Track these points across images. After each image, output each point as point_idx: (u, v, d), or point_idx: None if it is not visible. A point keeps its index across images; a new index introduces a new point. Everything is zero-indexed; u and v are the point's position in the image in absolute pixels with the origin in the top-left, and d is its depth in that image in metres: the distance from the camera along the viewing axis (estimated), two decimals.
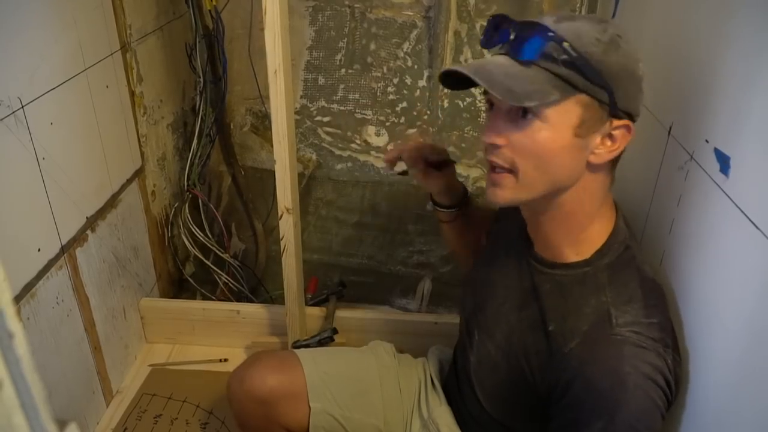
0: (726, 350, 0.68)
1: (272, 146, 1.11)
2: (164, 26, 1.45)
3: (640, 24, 1.09)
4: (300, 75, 1.56)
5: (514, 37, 0.70)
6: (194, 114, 1.57)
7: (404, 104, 1.56)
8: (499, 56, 0.72)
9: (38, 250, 1.02)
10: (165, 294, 1.56)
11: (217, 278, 1.65)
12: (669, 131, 0.88)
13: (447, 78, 0.76)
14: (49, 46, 1.03)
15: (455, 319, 1.15)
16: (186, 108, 1.62)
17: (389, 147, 0.99)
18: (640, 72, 0.72)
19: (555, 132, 0.70)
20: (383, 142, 1.61)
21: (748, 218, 0.64)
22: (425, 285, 1.68)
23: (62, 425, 0.30)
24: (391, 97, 1.56)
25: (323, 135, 1.63)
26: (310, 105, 1.60)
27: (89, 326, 1.20)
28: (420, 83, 1.53)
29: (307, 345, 1.25)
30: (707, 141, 0.75)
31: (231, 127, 1.65)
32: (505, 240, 0.91)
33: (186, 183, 1.57)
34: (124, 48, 1.27)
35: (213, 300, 1.63)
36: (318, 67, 1.55)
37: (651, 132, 0.94)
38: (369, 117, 1.59)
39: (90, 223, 1.18)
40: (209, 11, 1.46)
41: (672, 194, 0.85)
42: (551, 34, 0.68)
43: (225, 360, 1.42)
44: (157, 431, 1.25)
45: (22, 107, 0.95)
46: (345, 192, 1.69)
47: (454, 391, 0.99)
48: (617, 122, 0.71)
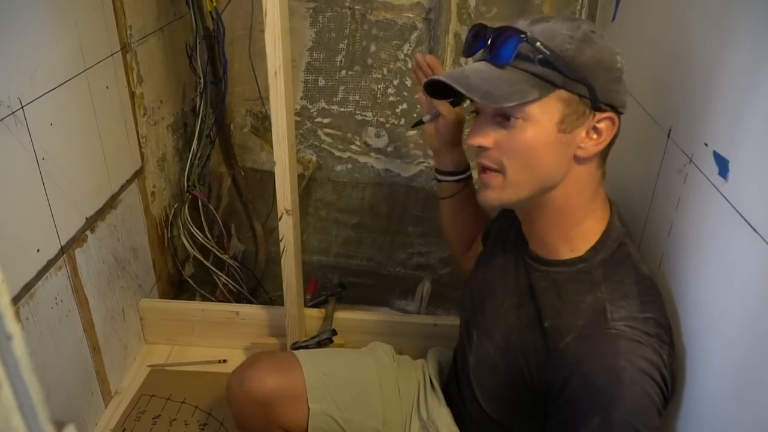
0: (725, 351, 0.68)
1: (272, 147, 1.11)
2: (165, 27, 1.45)
3: (640, 27, 1.09)
4: (300, 76, 1.56)
5: (491, 43, 0.74)
6: (194, 115, 1.57)
7: (404, 106, 1.56)
8: (478, 63, 0.76)
9: (37, 251, 1.02)
10: (164, 295, 1.56)
11: (217, 279, 1.65)
12: (668, 134, 0.88)
13: (430, 88, 0.79)
14: (50, 47, 1.03)
15: (454, 321, 1.15)
16: (186, 109, 1.62)
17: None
18: (619, 64, 0.74)
19: (539, 129, 0.72)
20: (383, 144, 1.61)
21: (747, 222, 0.64)
22: (424, 286, 1.68)
23: (60, 427, 0.30)
24: (392, 99, 1.56)
25: (323, 136, 1.63)
26: (311, 106, 1.60)
27: (88, 327, 1.20)
28: None
29: (307, 346, 1.25)
30: (706, 144, 0.75)
31: (231, 128, 1.65)
32: (503, 240, 0.92)
33: (186, 184, 1.57)
34: (125, 49, 1.28)
35: (212, 301, 1.63)
36: (318, 69, 1.55)
37: (650, 135, 0.94)
38: (369, 118, 1.59)
39: (89, 224, 1.18)
40: (210, 12, 1.46)
41: (671, 197, 0.85)
42: (523, 36, 0.71)
43: (224, 361, 1.42)
44: None
45: (22, 107, 0.95)
46: (345, 193, 1.69)
47: (455, 393, 0.99)
48: (600, 115, 0.73)
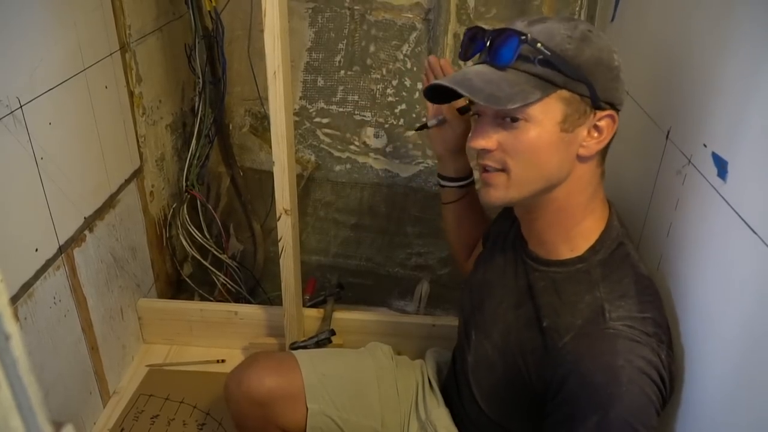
0: (723, 352, 0.68)
1: (271, 147, 1.11)
2: (164, 27, 1.45)
3: (640, 27, 1.09)
4: (299, 76, 1.56)
5: (490, 45, 0.74)
6: (193, 115, 1.57)
7: (403, 106, 1.56)
8: (478, 65, 0.76)
9: (36, 250, 1.02)
10: (163, 295, 1.56)
11: (215, 279, 1.65)
12: (667, 135, 0.88)
13: (431, 93, 0.79)
14: (48, 46, 1.02)
15: (453, 322, 1.15)
16: (185, 109, 1.62)
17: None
18: (616, 62, 0.75)
19: (541, 129, 0.72)
20: (382, 144, 1.62)
21: (746, 222, 0.64)
22: (423, 287, 1.68)
23: (58, 426, 0.30)
24: (390, 99, 1.56)
25: (322, 136, 1.63)
26: (309, 106, 1.60)
27: (87, 326, 1.19)
28: (419, 85, 1.53)
29: (305, 346, 1.25)
30: (705, 145, 0.75)
31: (230, 128, 1.65)
32: (502, 240, 0.93)
33: (185, 184, 1.57)
34: (124, 48, 1.27)
35: (211, 301, 1.62)
36: (317, 69, 1.55)
37: (649, 136, 0.94)
38: (368, 119, 1.59)
39: (88, 224, 1.18)
40: (209, 12, 1.46)
41: (670, 198, 0.85)
42: (524, 37, 0.71)
43: (222, 361, 1.42)
44: None
45: (21, 107, 0.95)
46: (343, 193, 1.69)
47: (453, 393, 1.00)
48: (601, 113, 0.74)
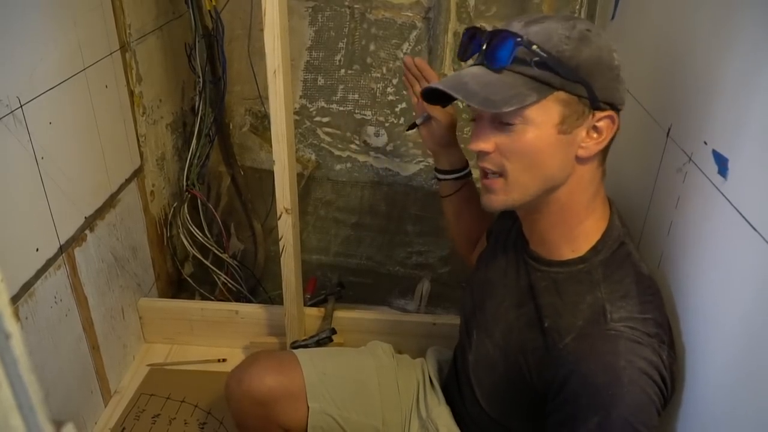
0: (723, 350, 0.68)
1: (271, 146, 1.11)
2: (164, 26, 1.45)
3: (640, 25, 1.09)
4: (299, 75, 1.56)
5: (486, 46, 0.73)
6: (193, 114, 1.57)
7: (403, 105, 1.56)
8: (474, 67, 0.75)
9: (36, 250, 1.02)
10: (163, 294, 1.56)
11: (216, 278, 1.65)
12: (668, 133, 0.88)
13: (428, 95, 0.79)
14: (48, 46, 1.02)
15: (454, 320, 1.15)
16: (185, 108, 1.62)
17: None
18: (616, 62, 0.74)
19: (539, 131, 0.72)
20: (382, 143, 1.61)
21: (746, 220, 0.64)
22: (424, 286, 1.68)
23: (59, 426, 0.30)
24: (391, 98, 1.56)
25: (322, 135, 1.63)
26: (310, 105, 1.60)
27: (87, 326, 1.20)
28: None
29: (306, 345, 1.25)
30: (706, 143, 0.75)
31: (230, 128, 1.65)
32: (504, 240, 0.92)
33: (185, 183, 1.57)
34: (124, 48, 1.27)
35: (212, 300, 1.63)
36: (317, 68, 1.55)
37: (649, 134, 0.94)
38: (368, 117, 1.59)
39: (88, 223, 1.18)
40: (209, 11, 1.46)
41: (670, 196, 0.85)
42: (519, 39, 0.70)
43: (223, 360, 1.42)
44: (155, 431, 1.25)
45: (21, 107, 0.95)
46: (344, 192, 1.69)
47: (454, 392, 1.00)
48: (600, 114, 0.73)
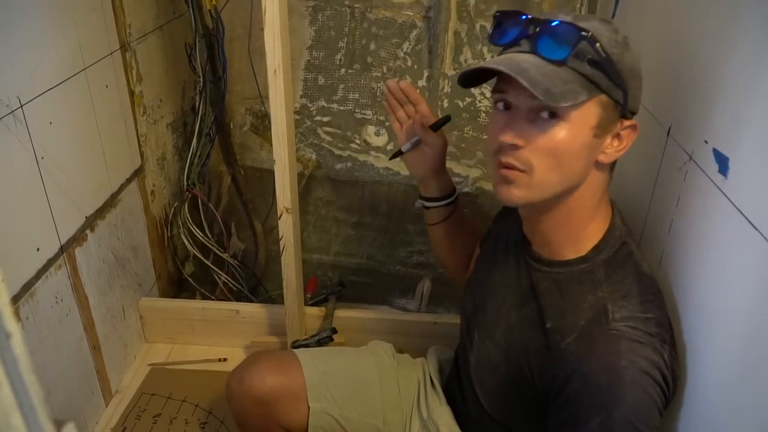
0: (724, 349, 0.68)
1: (272, 146, 1.11)
2: (164, 26, 1.45)
3: (640, 24, 1.09)
4: (300, 75, 1.56)
5: (542, 35, 0.69)
6: (194, 113, 1.57)
7: None
8: (526, 54, 0.70)
9: (37, 250, 1.02)
10: (164, 294, 1.56)
11: (217, 278, 1.65)
12: (668, 132, 0.88)
13: (467, 74, 0.74)
14: (49, 45, 1.02)
15: (454, 319, 1.15)
16: (186, 107, 1.62)
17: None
18: (641, 71, 0.74)
19: (576, 132, 0.70)
20: (383, 142, 1.61)
21: (747, 219, 0.64)
22: (424, 285, 1.68)
23: (59, 425, 0.30)
24: None
25: (323, 135, 1.63)
26: (310, 105, 1.60)
27: (88, 326, 1.20)
28: (420, 83, 1.53)
29: (307, 345, 1.25)
30: (706, 142, 0.75)
31: (231, 127, 1.65)
32: (504, 240, 0.92)
33: (185, 183, 1.57)
34: (124, 47, 1.27)
35: (212, 300, 1.63)
36: (318, 67, 1.55)
37: (650, 132, 0.94)
38: (369, 117, 1.59)
39: (89, 223, 1.18)
40: (209, 11, 1.46)
41: (671, 194, 0.85)
42: (585, 34, 0.67)
43: (224, 360, 1.42)
44: (156, 431, 1.25)
45: (21, 106, 0.95)
46: (344, 192, 1.69)
47: (456, 392, 0.99)
48: (626, 122, 0.73)
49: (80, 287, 1.16)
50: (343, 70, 1.55)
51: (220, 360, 1.43)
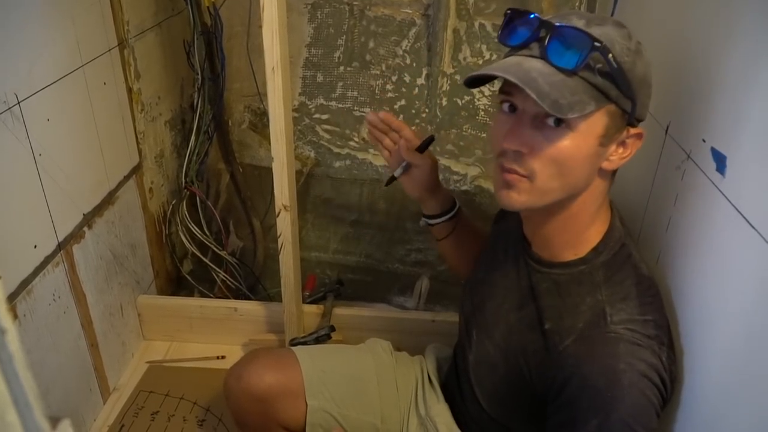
0: (722, 349, 0.68)
1: (270, 144, 1.10)
2: (162, 23, 1.45)
3: (639, 23, 1.08)
4: (298, 72, 1.56)
5: (552, 41, 0.67)
6: (192, 111, 1.56)
7: (403, 102, 1.56)
8: (535, 61, 0.68)
9: (34, 247, 1.02)
10: (162, 291, 1.56)
11: (215, 276, 1.65)
12: (666, 130, 0.88)
13: (474, 77, 0.72)
14: (46, 42, 1.02)
15: (452, 317, 1.15)
16: (184, 105, 1.61)
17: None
18: (651, 79, 0.72)
19: (582, 141, 0.69)
20: None
21: (744, 217, 0.64)
22: (423, 283, 1.68)
23: (55, 422, 0.30)
24: (390, 95, 1.56)
25: (321, 132, 1.63)
26: (309, 102, 1.59)
27: (86, 323, 1.19)
28: (419, 81, 1.53)
29: (305, 342, 1.25)
30: (704, 140, 0.75)
31: (229, 125, 1.65)
32: (504, 240, 0.92)
33: (184, 180, 1.57)
34: (122, 44, 1.27)
35: (211, 297, 1.63)
36: (316, 65, 1.55)
37: (648, 131, 0.93)
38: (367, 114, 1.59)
39: (87, 220, 1.18)
40: (208, 8, 1.45)
41: (669, 193, 0.85)
42: (597, 44, 0.65)
43: (222, 357, 1.42)
44: (154, 428, 1.25)
45: (19, 103, 0.95)
46: (343, 190, 1.69)
47: (455, 391, 0.99)
48: (633, 131, 0.72)
49: (78, 285, 1.16)
50: (342, 68, 1.54)
51: (219, 358, 1.43)
